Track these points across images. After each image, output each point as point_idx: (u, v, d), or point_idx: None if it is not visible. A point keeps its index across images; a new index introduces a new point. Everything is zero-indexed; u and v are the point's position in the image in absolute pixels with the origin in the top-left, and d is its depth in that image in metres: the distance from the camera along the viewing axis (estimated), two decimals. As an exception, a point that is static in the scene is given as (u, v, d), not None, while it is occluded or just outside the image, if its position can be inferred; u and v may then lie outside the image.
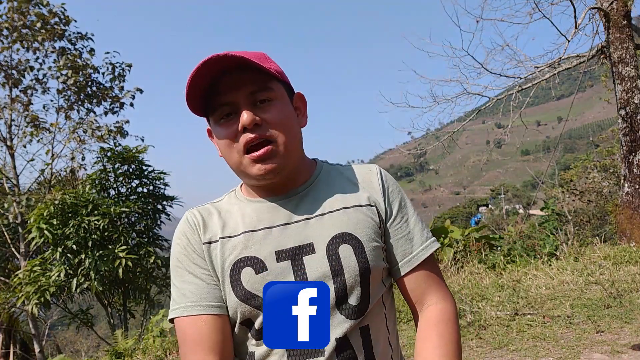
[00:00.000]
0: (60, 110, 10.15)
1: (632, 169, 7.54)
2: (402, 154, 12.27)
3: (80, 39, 10.14)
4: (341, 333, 0.91)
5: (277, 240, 0.95)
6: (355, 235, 0.95)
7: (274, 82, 0.95)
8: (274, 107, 0.94)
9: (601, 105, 13.18)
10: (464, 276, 6.23)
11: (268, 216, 0.98)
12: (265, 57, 0.98)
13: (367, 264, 0.94)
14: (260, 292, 0.91)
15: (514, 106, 8.99)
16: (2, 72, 9.63)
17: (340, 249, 0.94)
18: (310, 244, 0.94)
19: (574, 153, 77.73)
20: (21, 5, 9.25)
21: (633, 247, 6.84)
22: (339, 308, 0.92)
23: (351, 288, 0.93)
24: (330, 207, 0.98)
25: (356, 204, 1.00)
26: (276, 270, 0.92)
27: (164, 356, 5.16)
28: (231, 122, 0.93)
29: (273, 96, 0.94)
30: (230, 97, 0.92)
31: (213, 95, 0.93)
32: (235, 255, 0.94)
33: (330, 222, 0.96)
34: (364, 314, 0.94)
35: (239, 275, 0.92)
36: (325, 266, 0.92)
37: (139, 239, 8.32)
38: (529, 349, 3.91)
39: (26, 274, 7.48)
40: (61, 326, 15.39)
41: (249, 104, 0.92)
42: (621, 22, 7.57)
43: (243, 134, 0.92)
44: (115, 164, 8.33)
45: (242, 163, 0.94)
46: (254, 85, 0.92)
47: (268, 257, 0.93)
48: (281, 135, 0.93)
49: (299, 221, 0.97)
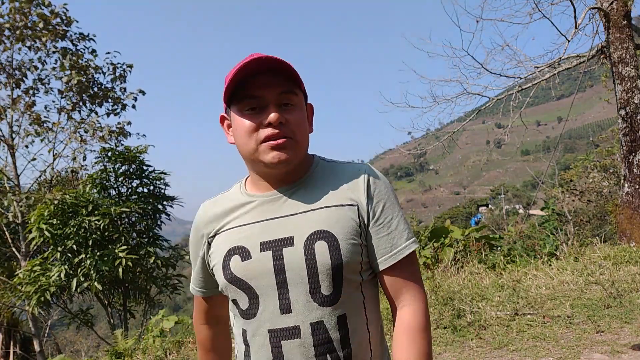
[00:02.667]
0: (62, 111, 10.15)
1: (632, 169, 7.54)
2: (402, 154, 12.28)
3: (81, 40, 10.14)
4: (315, 318, 1.04)
5: (264, 233, 1.09)
6: (332, 233, 1.05)
7: (297, 89, 1.09)
8: (296, 111, 1.08)
9: (601, 105, 13.18)
10: (464, 276, 6.23)
11: (260, 211, 1.12)
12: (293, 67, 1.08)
13: (340, 260, 1.04)
14: (244, 277, 1.07)
15: (514, 106, 8.99)
16: (4, 73, 9.63)
17: (317, 245, 1.05)
18: (290, 238, 1.06)
19: (574, 153, 77.75)
20: (23, 5, 9.26)
21: (633, 247, 6.84)
22: (312, 296, 1.05)
23: (323, 280, 1.04)
24: (314, 205, 1.09)
25: (338, 203, 1.09)
26: (258, 259, 1.07)
27: (164, 356, 5.17)
28: (256, 114, 1.05)
29: (296, 101, 1.09)
30: (261, 92, 1.05)
31: (244, 88, 1.05)
32: (229, 245, 1.11)
33: (311, 219, 1.07)
34: (337, 302, 1.05)
35: (229, 261, 1.09)
36: (301, 259, 1.04)
37: (139, 239, 8.31)
38: (529, 349, 3.91)
39: (26, 274, 7.47)
40: (61, 326, 15.39)
41: (276, 103, 1.05)
42: (621, 22, 7.57)
43: (266, 128, 1.05)
44: (116, 164, 8.32)
45: (258, 150, 1.06)
46: (285, 86, 1.06)
47: (253, 247, 1.08)
48: (297, 135, 1.07)
49: (285, 216, 1.09)
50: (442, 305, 4.95)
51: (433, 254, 7.28)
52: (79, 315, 8.57)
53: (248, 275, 1.07)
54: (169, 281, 8.70)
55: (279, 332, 1.05)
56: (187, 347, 5.32)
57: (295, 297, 1.04)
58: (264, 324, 1.06)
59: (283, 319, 1.05)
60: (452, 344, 4.21)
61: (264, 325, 1.06)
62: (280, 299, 1.05)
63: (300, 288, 1.04)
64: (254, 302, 1.07)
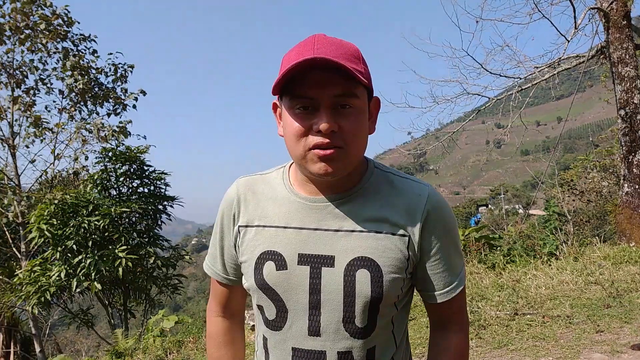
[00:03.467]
0: (63, 111, 10.14)
1: (631, 169, 7.55)
2: (402, 154, 12.27)
3: (83, 40, 10.14)
4: (344, 348, 0.97)
5: (303, 244, 0.99)
6: (377, 263, 0.96)
7: (360, 88, 0.93)
8: (353, 116, 0.92)
9: (601, 105, 13.18)
10: (464, 276, 6.23)
11: (302, 216, 1.01)
12: (359, 57, 0.95)
13: (381, 294, 0.96)
14: (277, 287, 0.99)
15: (514, 106, 8.99)
16: (5, 73, 9.63)
17: (358, 272, 0.96)
18: (332, 257, 0.97)
19: (573, 153, 77.73)
20: (24, 6, 9.25)
21: (632, 247, 6.85)
22: (344, 325, 0.97)
23: (359, 311, 0.96)
24: (362, 226, 0.98)
25: (389, 231, 0.98)
26: (295, 272, 0.98)
27: (164, 356, 5.17)
28: (307, 115, 0.92)
29: (355, 104, 0.92)
30: (314, 93, 0.90)
31: (297, 83, 0.91)
32: (264, 247, 1.01)
33: (357, 242, 0.97)
34: (369, 336, 0.99)
35: (262, 266, 1.00)
36: (339, 284, 0.96)
37: (140, 239, 8.32)
38: (528, 348, 3.92)
39: (27, 274, 7.48)
40: (62, 326, 15.40)
41: (330, 105, 0.91)
42: (621, 23, 7.57)
43: (316, 135, 0.91)
44: (116, 164, 8.32)
45: (306, 157, 0.93)
46: (341, 88, 0.90)
47: (291, 257, 0.99)
48: (351, 145, 0.93)
49: (328, 230, 0.99)
50: (442, 305, 4.96)
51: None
52: (80, 315, 8.57)
53: (281, 287, 0.99)
54: (169, 281, 8.71)
55: (303, 353, 0.99)
56: (187, 347, 5.33)
57: (326, 321, 0.97)
58: (289, 340, 1.00)
59: (310, 341, 0.98)
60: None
61: (289, 341, 1.00)
62: (311, 319, 0.98)
63: (334, 314, 0.97)
64: (282, 315, 1.00)
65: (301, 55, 0.88)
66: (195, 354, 5.06)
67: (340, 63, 0.86)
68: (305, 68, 0.88)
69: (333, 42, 0.93)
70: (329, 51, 0.89)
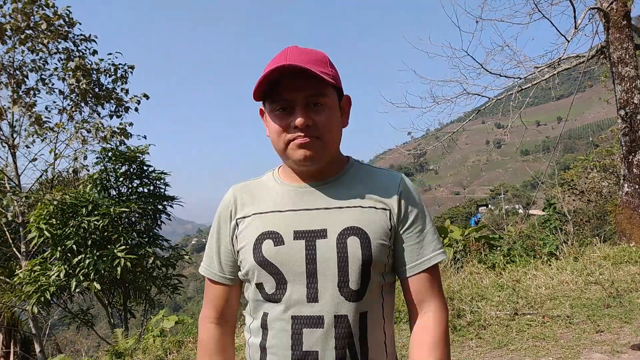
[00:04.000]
0: (64, 111, 10.14)
1: (631, 169, 7.55)
2: (402, 154, 12.29)
3: (83, 41, 10.14)
4: (340, 311, 1.08)
5: (298, 222, 1.12)
6: (364, 230, 1.09)
7: (329, 88, 1.10)
8: (325, 112, 1.10)
9: (601, 105, 13.19)
10: (464, 276, 6.24)
11: (295, 200, 1.15)
12: (326, 62, 1.12)
13: (370, 256, 1.08)
14: (275, 261, 1.10)
15: (514, 106, 9.00)
16: (6, 73, 9.62)
17: (349, 240, 1.08)
18: (324, 230, 1.10)
19: (573, 153, 77.73)
20: (25, 6, 9.25)
21: (632, 247, 6.85)
22: (340, 289, 1.08)
23: (352, 274, 1.08)
24: (348, 203, 1.13)
25: (372, 205, 1.13)
26: (291, 246, 1.10)
27: (164, 356, 5.17)
28: (286, 115, 1.09)
29: (325, 101, 1.10)
30: (290, 95, 1.08)
31: (275, 89, 1.08)
32: (262, 229, 1.13)
33: (345, 215, 1.11)
34: (362, 299, 1.09)
35: (261, 245, 1.11)
36: (333, 251, 1.08)
37: (139, 239, 8.31)
38: (528, 348, 3.92)
39: (26, 274, 7.48)
40: (62, 326, 15.40)
41: (304, 104, 1.08)
42: (621, 23, 7.58)
43: (294, 130, 1.08)
44: (116, 164, 8.32)
45: (287, 149, 1.10)
46: (312, 89, 1.08)
47: (287, 234, 1.11)
48: (326, 135, 1.10)
49: (319, 209, 1.13)
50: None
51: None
52: (79, 315, 8.57)
53: (279, 261, 1.09)
54: (169, 281, 8.71)
55: (302, 320, 1.08)
56: (187, 347, 5.33)
57: (323, 287, 1.08)
58: (288, 309, 1.09)
59: (308, 307, 1.08)
60: (451, 344, 4.22)
61: (289, 310, 1.09)
62: (309, 287, 1.08)
63: (329, 280, 1.08)
64: (281, 286, 1.10)
65: (275, 64, 1.05)
66: (195, 354, 5.06)
67: (307, 68, 1.03)
68: (280, 74, 1.05)
69: (303, 51, 1.10)
70: (299, 59, 1.05)
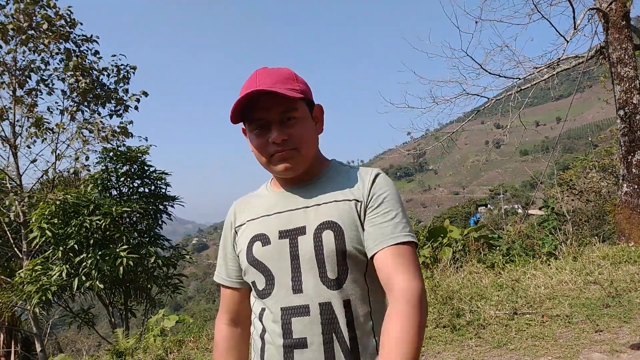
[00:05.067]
0: (65, 112, 10.16)
1: (630, 169, 7.58)
2: (401, 154, 12.31)
3: (85, 41, 10.15)
4: (324, 299, 1.16)
5: (282, 222, 1.23)
6: (337, 223, 1.19)
7: (298, 102, 1.21)
8: (298, 125, 1.21)
9: (600, 105, 13.21)
10: (463, 276, 6.26)
11: (281, 204, 1.27)
12: (292, 78, 1.22)
13: (344, 247, 1.17)
14: (263, 259, 1.22)
15: (513, 107, 9.03)
16: (7, 73, 9.63)
17: (324, 233, 1.18)
18: (303, 227, 1.21)
19: (572, 153, 77.70)
20: (27, 6, 9.26)
21: (631, 246, 6.88)
22: (321, 279, 1.17)
23: (329, 264, 1.17)
24: (325, 200, 1.23)
25: (345, 198, 1.22)
26: (276, 245, 1.21)
27: (165, 355, 5.19)
28: (263, 132, 1.20)
29: (297, 115, 1.21)
30: (263, 114, 1.19)
31: (250, 110, 1.20)
32: (253, 232, 1.26)
33: (321, 211, 1.21)
34: (342, 286, 1.17)
35: (252, 246, 1.24)
36: (310, 245, 1.18)
37: (140, 238, 8.32)
38: (527, 348, 3.94)
39: (28, 273, 7.48)
40: (62, 325, 15.40)
41: (278, 121, 1.19)
42: (620, 23, 7.60)
43: (272, 145, 1.19)
44: (117, 164, 8.34)
45: (269, 163, 1.23)
46: (282, 106, 1.18)
47: (273, 234, 1.23)
48: (302, 146, 1.21)
49: (299, 208, 1.24)
50: (441, 305, 4.99)
51: (432, 253, 7.31)
52: (80, 315, 8.57)
53: (267, 258, 1.21)
54: (169, 280, 8.72)
55: (290, 310, 1.18)
56: (187, 347, 5.34)
57: (306, 279, 1.17)
58: (277, 302, 1.19)
59: (295, 298, 1.17)
60: (451, 343, 4.25)
61: (278, 303, 1.19)
62: (294, 280, 1.18)
63: (311, 272, 1.17)
64: (270, 282, 1.21)
65: (246, 89, 1.17)
66: (196, 354, 5.08)
67: (273, 90, 1.14)
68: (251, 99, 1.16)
69: (270, 73, 1.20)
70: (267, 81, 1.17)
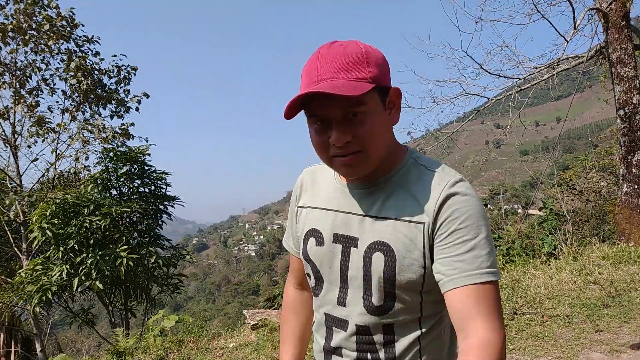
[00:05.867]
0: (66, 112, 10.16)
1: (630, 169, 7.58)
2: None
3: (86, 42, 10.15)
4: (362, 322, 1.07)
5: (338, 224, 1.12)
6: (392, 247, 1.03)
7: (366, 93, 0.95)
8: (365, 121, 0.98)
9: (600, 105, 13.21)
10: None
11: (341, 200, 1.14)
12: (362, 61, 0.97)
13: (394, 276, 1.02)
14: (315, 259, 1.15)
15: (513, 107, 9.02)
16: (8, 73, 9.64)
17: (374, 256, 1.05)
18: (357, 239, 1.08)
19: (572, 153, 77.68)
20: (27, 7, 9.26)
21: (631, 246, 6.87)
22: (364, 301, 1.07)
23: (374, 290, 1.05)
24: (384, 213, 1.06)
25: (408, 218, 1.03)
26: (330, 249, 1.12)
27: (165, 355, 5.18)
28: (324, 129, 1.00)
29: (365, 109, 0.97)
30: (323, 111, 0.98)
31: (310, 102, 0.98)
32: (310, 225, 1.19)
33: (377, 228, 1.06)
34: (386, 315, 1.06)
35: (307, 241, 1.18)
36: (360, 264, 1.07)
37: (141, 238, 8.33)
38: (527, 348, 3.94)
39: (28, 273, 7.49)
40: (62, 325, 15.41)
41: (340, 119, 0.98)
42: (620, 23, 7.60)
43: (333, 147, 1.00)
44: (117, 164, 8.35)
45: (331, 164, 1.05)
46: (346, 102, 0.95)
47: (328, 235, 1.13)
48: (368, 147, 1.00)
49: (357, 214, 1.10)
50: (442, 305, 4.98)
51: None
52: (80, 315, 8.58)
53: (318, 261, 1.14)
54: (170, 280, 8.73)
55: (332, 319, 1.14)
56: (187, 346, 5.34)
57: (351, 295, 1.09)
58: (323, 306, 1.16)
59: (338, 309, 1.12)
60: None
61: (323, 307, 1.16)
62: (340, 291, 1.11)
63: (357, 290, 1.08)
64: (319, 284, 1.16)
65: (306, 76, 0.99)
66: (196, 354, 5.08)
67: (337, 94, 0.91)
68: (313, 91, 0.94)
69: (334, 56, 0.97)
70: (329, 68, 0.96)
